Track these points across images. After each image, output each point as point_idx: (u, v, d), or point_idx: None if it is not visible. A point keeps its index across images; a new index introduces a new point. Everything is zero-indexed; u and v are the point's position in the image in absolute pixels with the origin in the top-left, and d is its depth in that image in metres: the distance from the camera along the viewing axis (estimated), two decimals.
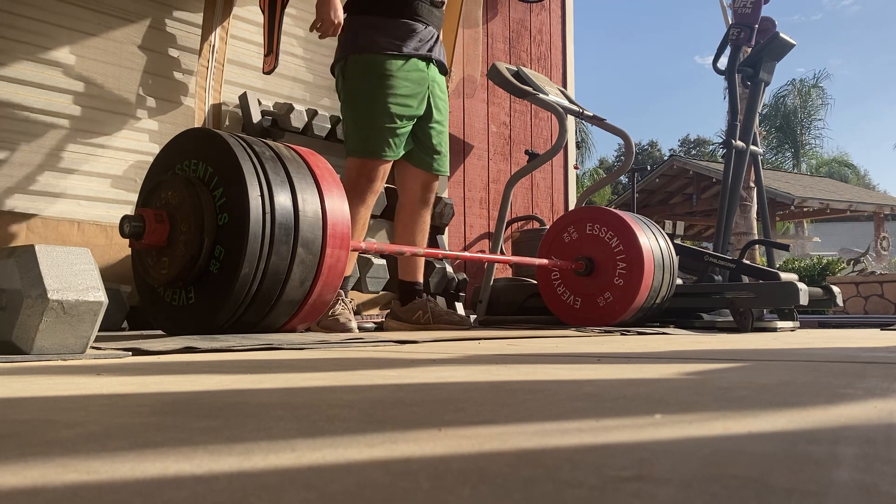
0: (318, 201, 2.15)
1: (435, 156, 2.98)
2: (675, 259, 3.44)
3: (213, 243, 2.05)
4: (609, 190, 30.75)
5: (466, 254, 3.16)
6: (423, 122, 2.94)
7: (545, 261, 3.22)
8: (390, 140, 2.78)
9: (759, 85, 4.30)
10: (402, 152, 2.85)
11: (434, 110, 2.95)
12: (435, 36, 2.93)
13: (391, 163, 2.85)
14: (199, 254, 2.05)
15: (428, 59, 2.89)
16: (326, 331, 2.62)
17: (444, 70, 3.01)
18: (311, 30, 2.83)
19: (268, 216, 2.03)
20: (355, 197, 2.74)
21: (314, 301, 2.18)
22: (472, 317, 3.55)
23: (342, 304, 2.77)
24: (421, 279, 3.08)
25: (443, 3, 2.96)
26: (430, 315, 2.93)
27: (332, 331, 2.61)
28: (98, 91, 3.07)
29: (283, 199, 2.08)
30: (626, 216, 3.33)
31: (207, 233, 2.04)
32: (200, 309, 2.09)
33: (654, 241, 3.32)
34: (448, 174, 3.09)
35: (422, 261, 3.08)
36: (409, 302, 2.99)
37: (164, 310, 2.20)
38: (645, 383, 1.07)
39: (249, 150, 2.11)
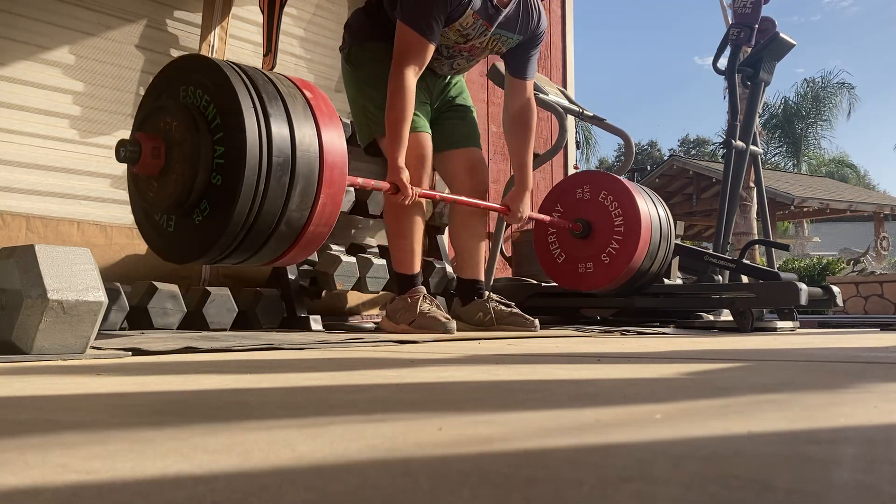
0: (315, 134, 2.11)
1: (464, 132, 2.92)
2: (673, 229, 3.48)
3: (210, 173, 2.03)
4: None
5: (465, 198, 3.01)
6: (445, 108, 2.88)
7: (546, 217, 3.25)
8: (416, 114, 2.67)
9: (759, 85, 4.30)
10: (428, 125, 2.76)
11: (455, 95, 2.91)
12: None
13: (428, 137, 2.74)
14: (195, 184, 2.01)
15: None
16: (423, 330, 2.53)
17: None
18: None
19: (265, 148, 2.00)
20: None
21: (309, 235, 2.15)
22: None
23: (429, 300, 2.66)
24: (482, 277, 2.96)
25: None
26: (493, 315, 2.82)
27: (431, 330, 2.53)
28: (98, 91, 3.07)
29: (280, 130, 2.04)
30: (629, 184, 3.33)
31: (204, 163, 2.01)
32: (195, 238, 2.08)
33: (653, 210, 3.34)
34: (479, 146, 2.97)
35: (482, 257, 2.97)
36: (470, 302, 2.89)
37: (158, 234, 2.18)
38: (645, 383, 1.07)
39: (247, 80, 2.08)
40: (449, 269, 3.56)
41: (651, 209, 3.33)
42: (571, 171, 5.80)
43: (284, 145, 2.04)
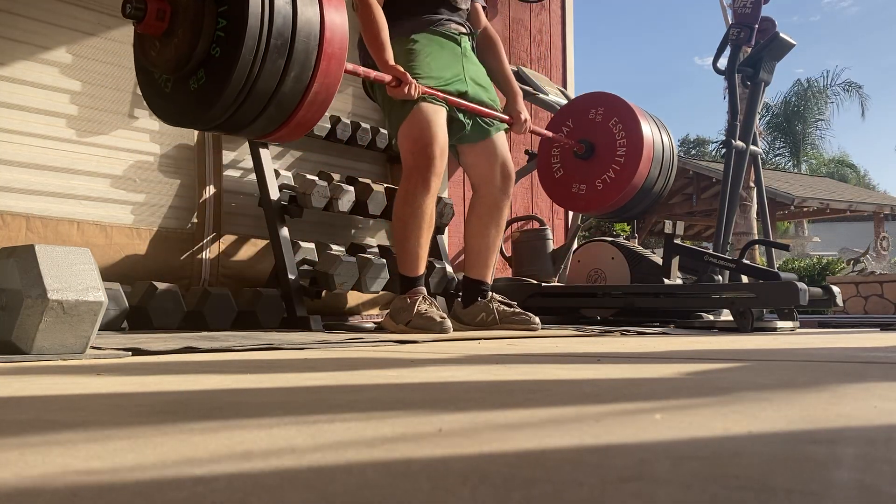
0: (318, 21, 2.11)
1: (483, 119, 2.87)
2: (674, 159, 3.52)
3: (210, 44, 2.03)
4: None
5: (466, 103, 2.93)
6: (466, 95, 2.85)
7: (549, 132, 3.29)
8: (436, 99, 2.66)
9: (759, 85, 4.30)
10: (437, 99, 2.71)
11: (473, 80, 2.89)
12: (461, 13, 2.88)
13: (443, 130, 2.70)
14: (194, 52, 2.02)
15: (455, 34, 2.84)
16: (419, 330, 2.53)
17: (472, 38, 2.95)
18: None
19: (265, 28, 2.00)
20: (418, 183, 2.64)
21: (299, 119, 2.16)
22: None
23: (428, 301, 2.66)
24: (489, 279, 2.94)
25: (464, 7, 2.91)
26: (496, 315, 2.81)
27: (427, 330, 2.53)
28: (98, 91, 3.07)
29: (283, 11, 2.03)
30: (642, 118, 3.34)
31: (205, 33, 2.01)
32: (190, 104, 2.09)
33: (658, 144, 3.36)
34: (502, 128, 2.97)
35: (494, 260, 2.96)
36: (472, 303, 2.88)
37: (157, 94, 2.20)
38: (645, 383, 1.07)
39: None
40: (449, 269, 3.57)
41: (657, 143, 3.34)
42: None
43: (285, 28, 2.04)
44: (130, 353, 1.56)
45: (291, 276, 3.02)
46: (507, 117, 2.95)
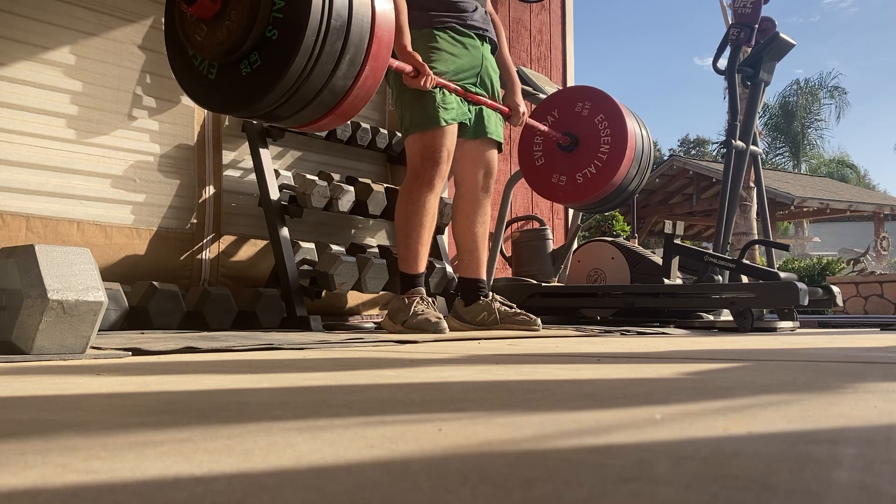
0: (370, 2, 2.08)
1: (487, 123, 2.90)
2: (653, 153, 3.56)
3: (266, 26, 1.96)
4: None
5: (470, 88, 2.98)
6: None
7: (542, 126, 3.30)
8: (442, 105, 2.69)
9: (759, 85, 4.30)
10: (457, 118, 2.75)
11: (490, 86, 2.91)
12: (480, 10, 2.88)
13: (454, 137, 2.74)
14: (249, 35, 1.94)
15: (478, 35, 2.84)
16: (415, 331, 2.54)
17: (494, 47, 2.96)
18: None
19: (326, 8, 1.95)
20: (423, 182, 2.68)
21: (346, 105, 2.13)
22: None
23: (426, 301, 2.68)
24: (484, 276, 2.96)
25: None
26: (497, 315, 2.82)
27: (423, 331, 2.54)
28: (98, 91, 3.07)
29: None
30: (628, 119, 3.36)
31: (262, 14, 1.94)
32: (240, 90, 2.02)
33: (639, 146, 3.40)
34: (501, 140, 2.99)
35: (485, 256, 2.99)
36: (473, 302, 2.89)
37: (197, 81, 2.11)
38: (645, 383, 1.07)
39: None
40: (449, 269, 3.57)
41: (638, 144, 3.37)
42: None
43: (343, 9, 2.00)
44: (130, 353, 1.56)
45: (291, 276, 3.02)
46: (505, 108, 2.96)
